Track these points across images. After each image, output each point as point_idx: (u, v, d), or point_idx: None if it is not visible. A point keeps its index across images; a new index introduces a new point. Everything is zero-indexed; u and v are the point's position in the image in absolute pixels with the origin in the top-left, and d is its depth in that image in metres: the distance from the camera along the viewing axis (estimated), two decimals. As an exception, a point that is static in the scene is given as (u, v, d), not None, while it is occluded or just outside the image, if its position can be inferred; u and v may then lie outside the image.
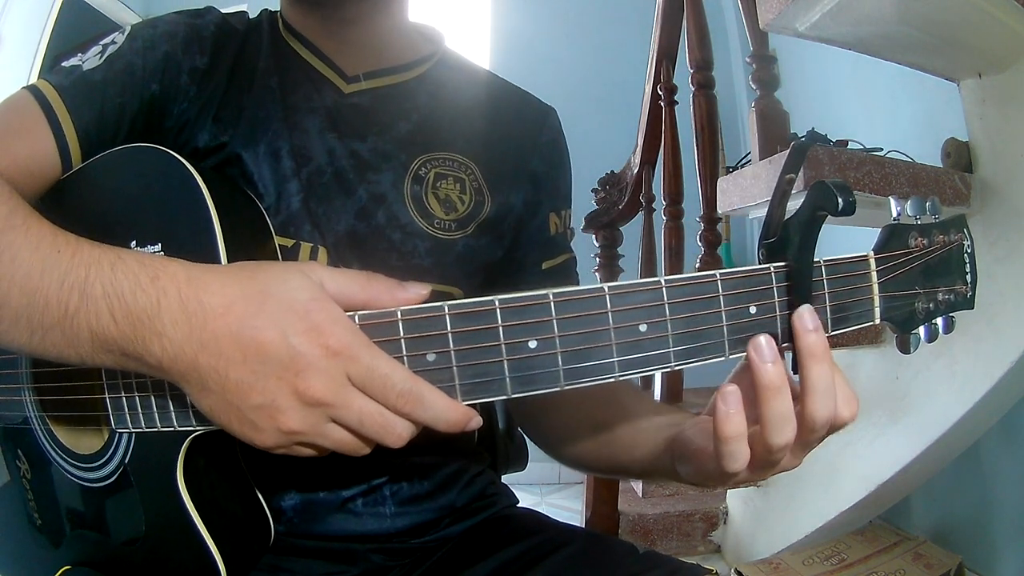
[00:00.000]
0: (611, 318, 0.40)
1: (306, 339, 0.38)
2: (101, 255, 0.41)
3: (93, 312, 0.40)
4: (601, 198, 2.07)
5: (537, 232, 0.70)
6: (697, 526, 1.89)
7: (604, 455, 0.61)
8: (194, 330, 0.38)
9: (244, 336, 0.38)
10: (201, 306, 0.38)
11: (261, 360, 0.38)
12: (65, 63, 0.59)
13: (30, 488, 0.60)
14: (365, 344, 0.39)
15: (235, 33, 0.64)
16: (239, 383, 0.39)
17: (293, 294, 0.39)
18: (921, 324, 0.46)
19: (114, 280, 0.40)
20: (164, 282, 0.39)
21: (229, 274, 0.40)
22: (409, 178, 0.63)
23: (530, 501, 2.60)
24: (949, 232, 0.47)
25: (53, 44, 2.71)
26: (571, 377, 0.40)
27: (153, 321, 0.39)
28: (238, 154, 0.59)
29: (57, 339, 0.41)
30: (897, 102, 1.91)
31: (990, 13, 1.07)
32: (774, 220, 0.44)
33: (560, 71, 2.86)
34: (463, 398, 0.40)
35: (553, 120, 0.73)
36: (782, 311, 0.42)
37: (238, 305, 0.38)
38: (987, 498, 1.55)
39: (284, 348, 0.38)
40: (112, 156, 0.54)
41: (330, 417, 0.39)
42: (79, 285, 0.40)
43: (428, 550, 0.65)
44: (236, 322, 0.38)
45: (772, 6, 1.14)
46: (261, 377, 0.38)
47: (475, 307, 0.40)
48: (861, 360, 1.47)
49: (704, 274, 0.41)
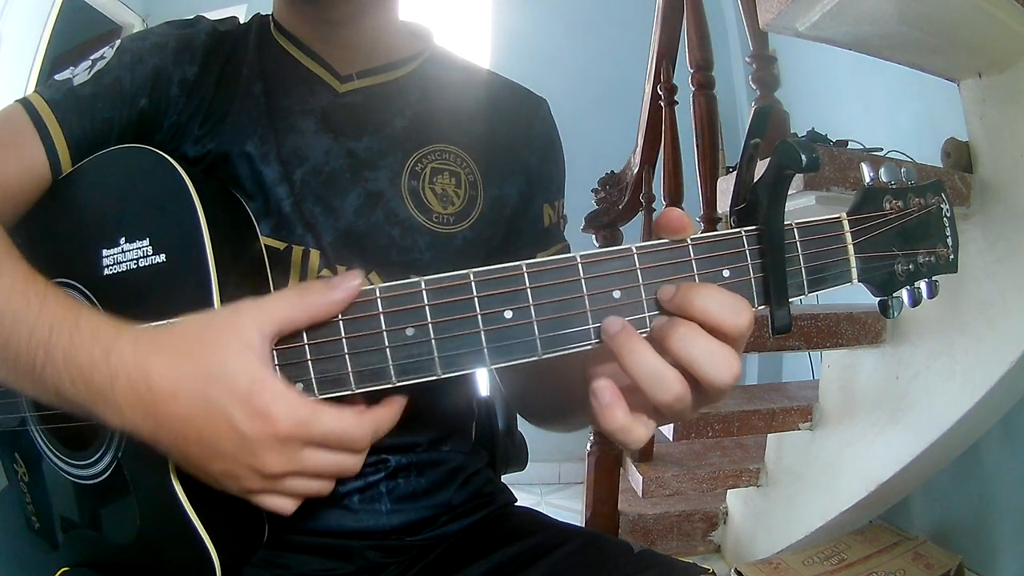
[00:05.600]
0: (584, 285, 0.41)
1: (253, 425, 0.40)
2: (64, 316, 0.43)
3: (57, 374, 0.42)
4: (601, 198, 2.07)
5: (531, 224, 0.70)
6: (697, 526, 1.89)
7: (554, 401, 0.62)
8: (148, 411, 0.41)
9: (194, 423, 0.40)
10: (151, 391, 0.40)
11: (215, 442, 0.41)
12: (58, 76, 0.60)
13: (28, 491, 0.60)
14: (310, 413, 0.41)
15: (225, 40, 0.64)
16: (200, 454, 0.42)
17: (234, 377, 0.40)
18: (902, 287, 0.47)
19: (72, 350, 0.42)
20: (115, 361, 0.41)
21: (173, 354, 0.41)
22: (406, 174, 0.63)
23: (530, 501, 2.60)
24: (925, 195, 0.47)
25: (53, 44, 2.71)
26: (548, 345, 0.41)
27: (109, 398, 0.41)
28: (224, 160, 0.60)
29: (29, 387, 0.44)
30: (897, 102, 1.91)
31: (990, 13, 1.07)
32: (742, 185, 0.44)
33: (560, 71, 2.86)
34: (443, 371, 0.42)
35: (545, 111, 0.73)
36: (756, 274, 0.43)
37: (184, 391, 0.40)
38: (987, 498, 1.55)
39: (234, 435, 0.40)
40: (103, 156, 0.55)
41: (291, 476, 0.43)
42: (44, 344, 0.42)
43: (425, 548, 0.65)
44: (185, 409, 0.40)
45: (772, 6, 1.14)
46: (219, 453, 0.41)
47: (451, 281, 0.41)
48: (861, 360, 1.47)
49: (674, 240, 0.42)
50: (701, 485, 1.70)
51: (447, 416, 0.69)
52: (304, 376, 0.43)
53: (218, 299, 0.48)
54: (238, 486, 0.43)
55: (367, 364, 0.42)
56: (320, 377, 0.42)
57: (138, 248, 0.50)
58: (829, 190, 1.14)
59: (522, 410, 0.73)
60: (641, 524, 1.83)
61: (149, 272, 0.50)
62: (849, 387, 1.51)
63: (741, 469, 1.72)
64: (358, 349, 0.42)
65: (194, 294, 0.48)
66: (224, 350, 0.41)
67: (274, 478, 0.42)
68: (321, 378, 0.43)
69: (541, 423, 0.68)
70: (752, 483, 1.72)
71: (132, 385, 0.40)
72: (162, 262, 0.49)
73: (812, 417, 1.56)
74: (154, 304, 0.48)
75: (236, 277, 0.51)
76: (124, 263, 0.50)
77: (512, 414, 0.84)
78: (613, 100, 2.78)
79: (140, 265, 0.50)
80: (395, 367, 0.42)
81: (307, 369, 0.42)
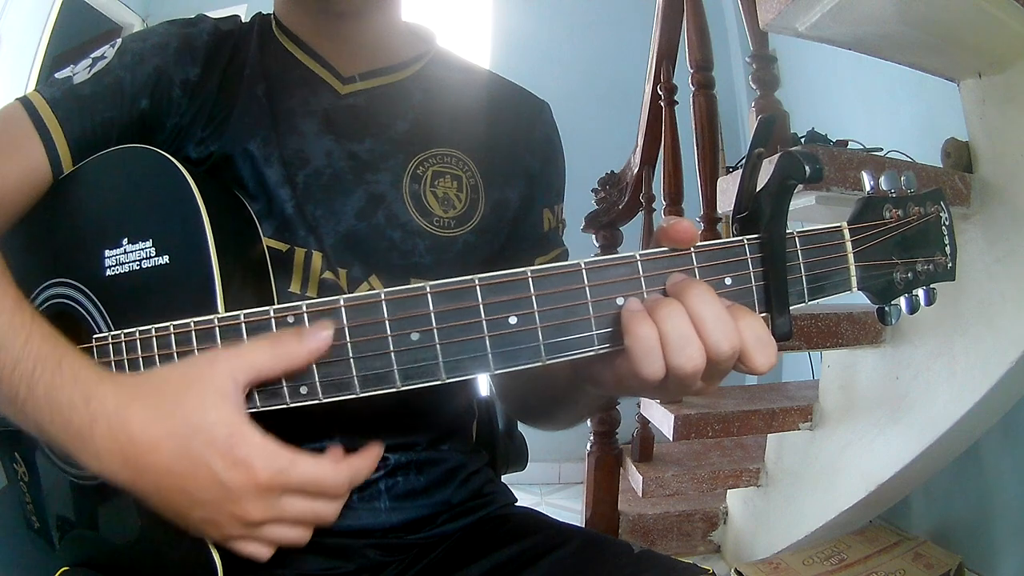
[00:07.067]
0: (588, 292, 0.42)
1: (235, 475, 0.41)
2: (49, 353, 0.43)
3: (38, 410, 0.42)
4: (601, 198, 2.07)
5: (531, 228, 0.70)
6: (697, 526, 1.89)
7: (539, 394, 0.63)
8: (128, 461, 0.41)
9: (176, 473, 0.41)
10: (131, 441, 0.41)
11: (196, 492, 0.41)
12: (58, 75, 0.59)
13: (27, 491, 0.60)
14: (289, 462, 0.42)
15: (227, 39, 0.64)
16: (180, 503, 0.42)
17: (214, 430, 0.41)
18: (901, 295, 0.47)
19: (53, 390, 0.42)
20: (95, 407, 0.41)
21: (153, 407, 0.42)
22: (408, 177, 0.63)
23: (530, 501, 2.60)
24: (925, 204, 0.48)
25: (53, 44, 2.71)
26: (552, 351, 0.42)
27: (88, 442, 0.41)
28: (227, 162, 0.60)
29: (11, 414, 0.44)
30: (897, 102, 1.91)
31: (990, 13, 1.07)
32: (745, 194, 0.45)
33: (560, 71, 2.86)
34: (447, 375, 0.42)
35: (547, 115, 0.73)
36: (757, 282, 0.44)
37: (165, 444, 0.41)
38: (987, 498, 1.55)
39: (216, 485, 0.41)
40: (106, 156, 0.54)
41: (270, 523, 0.43)
42: (27, 378, 0.42)
43: (424, 547, 0.65)
44: (166, 460, 0.41)
45: (772, 6, 1.14)
46: (200, 503, 0.42)
47: (456, 286, 0.41)
48: (861, 360, 1.47)
49: (678, 249, 0.43)
50: (701, 485, 1.71)
51: (447, 416, 0.69)
52: (308, 380, 0.43)
53: (221, 301, 0.48)
54: (219, 533, 0.43)
55: (372, 368, 0.42)
56: (324, 381, 0.43)
57: (141, 249, 0.50)
58: (829, 190, 1.14)
59: (507, 406, 0.73)
60: (641, 524, 1.83)
61: (152, 273, 0.50)
62: (849, 387, 1.51)
63: (741, 469, 1.72)
64: (363, 353, 0.42)
65: (197, 296, 0.48)
66: (202, 401, 0.41)
67: (254, 525, 0.43)
68: (326, 382, 0.43)
69: (525, 419, 0.69)
70: (752, 483, 1.73)
71: (112, 433, 0.41)
72: (165, 264, 0.49)
73: (812, 417, 1.56)
74: (156, 305, 0.48)
75: (239, 279, 0.51)
76: (127, 264, 0.50)
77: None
78: (613, 100, 2.78)
79: (143, 266, 0.50)
80: (399, 371, 0.42)
81: (311, 373, 0.42)
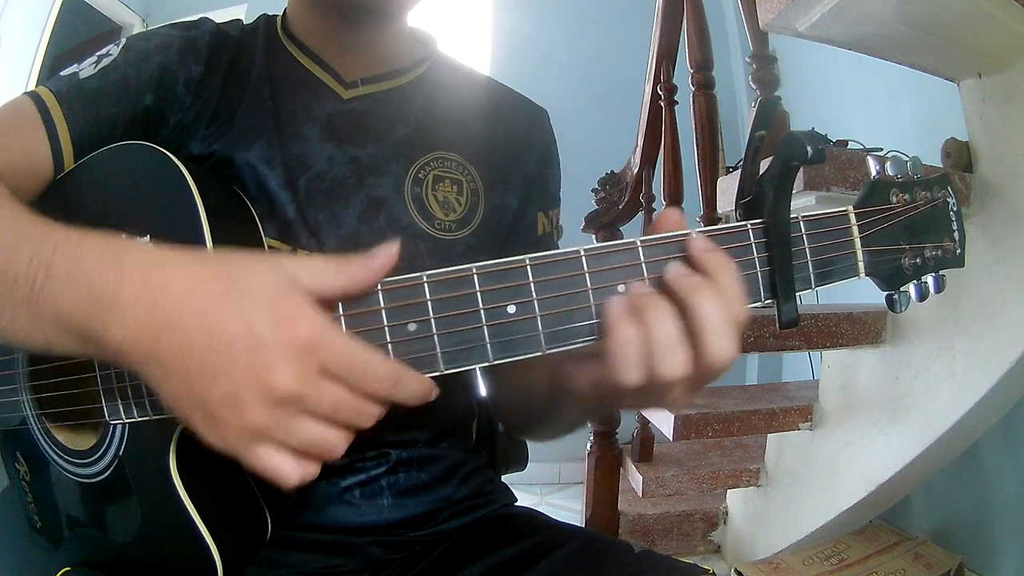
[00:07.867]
0: (588, 280, 0.41)
1: (273, 330, 0.36)
2: (70, 234, 0.41)
3: (57, 290, 0.39)
4: (601, 198, 2.07)
5: (526, 232, 0.70)
6: (697, 526, 1.89)
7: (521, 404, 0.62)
8: (157, 310, 0.37)
9: (208, 321, 0.37)
10: (165, 286, 0.37)
11: (226, 348, 0.36)
12: (64, 72, 0.59)
13: (29, 490, 0.60)
14: (338, 332, 0.38)
15: (230, 41, 0.64)
16: (203, 369, 0.37)
17: (261, 283, 0.37)
18: (909, 281, 0.46)
19: (79, 256, 0.40)
20: (128, 261, 0.39)
21: (196, 258, 0.39)
22: (409, 181, 0.64)
23: (530, 501, 2.60)
24: (932, 189, 0.47)
25: (53, 44, 2.71)
26: (552, 341, 0.41)
27: (114, 300, 0.38)
28: (229, 162, 0.60)
29: (24, 319, 0.41)
30: (897, 102, 1.91)
31: (990, 13, 1.07)
32: (748, 178, 0.44)
33: (560, 71, 2.86)
34: (446, 366, 0.41)
35: (545, 121, 0.74)
36: (762, 267, 0.42)
37: (203, 288, 0.37)
38: (987, 498, 1.55)
39: (250, 339, 0.36)
40: (106, 153, 0.55)
41: (299, 410, 0.37)
42: (45, 262, 0.40)
43: (426, 545, 0.65)
44: (201, 306, 0.37)
45: (772, 6, 1.14)
46: (226, 365, 0.36)
47: (453, 275, 0.40)
48: (861, 360, 1.47)
49: (679, 233, 0.42)
50: (701, 485, 1.71)
51: (447, 413, 0.69)
52: None
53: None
54: (237, 421, 0.37)
55: None
56: None
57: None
58: (829, 190, 1.14)
59: (496, 417, 0.73)
60: (641, 524, 1.83)
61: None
62: (849, 387, 1.51)
63: (741, 469, 1.72)
64: None
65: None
66: (254, 262, 0.39)
67: (283, 403, 0.37)
68: None
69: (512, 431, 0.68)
70: (752, 483, 1.72)
71: (145, 278, 0.38)
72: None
73: (812, 417, 1.56)
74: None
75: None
76: (125, 262, 0.50)
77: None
78: (613, 100, 2.78)
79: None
80: None
81: None
